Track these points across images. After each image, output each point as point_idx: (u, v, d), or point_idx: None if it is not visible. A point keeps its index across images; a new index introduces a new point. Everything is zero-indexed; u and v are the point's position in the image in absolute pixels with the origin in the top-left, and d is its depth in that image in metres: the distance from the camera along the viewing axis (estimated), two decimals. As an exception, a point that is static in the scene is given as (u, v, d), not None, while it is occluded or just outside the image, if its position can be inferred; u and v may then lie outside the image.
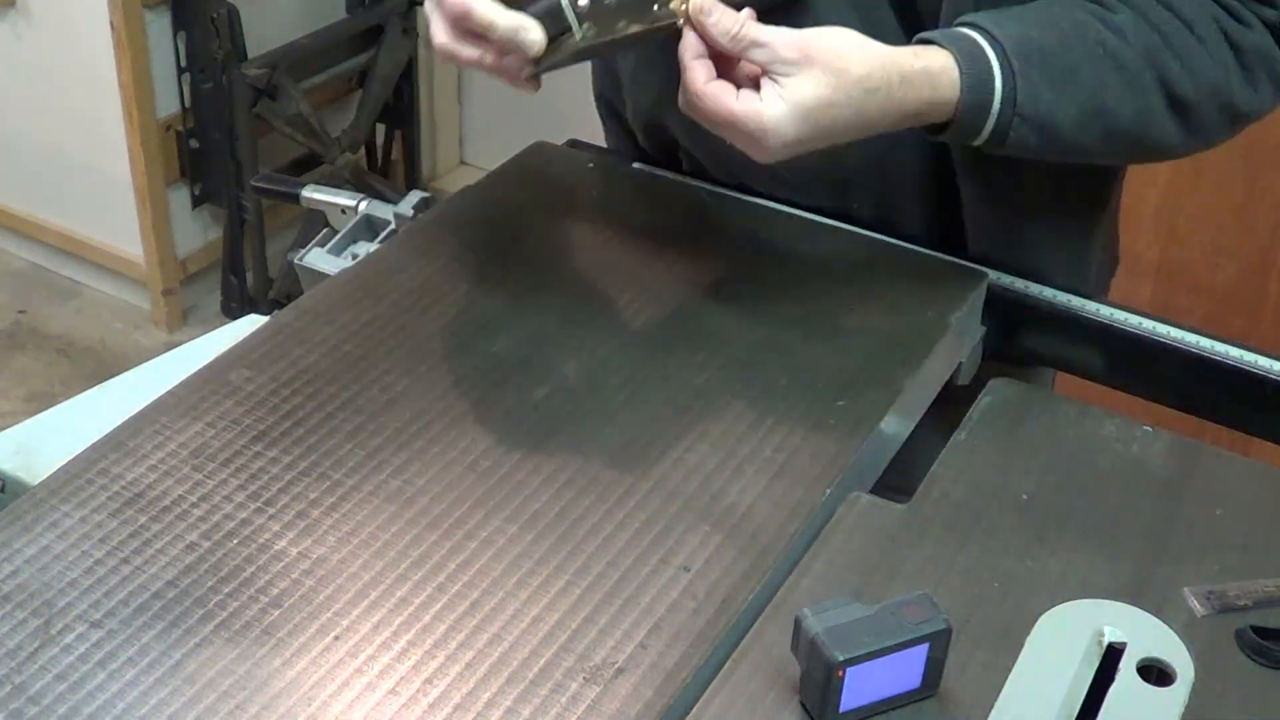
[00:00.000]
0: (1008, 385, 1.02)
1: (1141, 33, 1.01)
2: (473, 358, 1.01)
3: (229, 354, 1.00)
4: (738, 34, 0.93)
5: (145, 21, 2.71)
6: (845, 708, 0.75)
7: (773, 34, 0.93)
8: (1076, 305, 1.12)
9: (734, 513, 0.88)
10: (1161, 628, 0.81)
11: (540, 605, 0.81)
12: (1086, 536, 0.89)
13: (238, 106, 2.77)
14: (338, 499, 0.88)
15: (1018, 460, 0.95)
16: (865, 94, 0.94)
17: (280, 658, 0.78)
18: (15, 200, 3.13)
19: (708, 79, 0.94)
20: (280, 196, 1.34)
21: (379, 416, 0.95)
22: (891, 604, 0.75)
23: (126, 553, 0.83)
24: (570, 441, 0.93)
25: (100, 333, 3.04)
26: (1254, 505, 0.92)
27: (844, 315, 1.07)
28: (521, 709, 0.75)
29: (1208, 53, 1.01)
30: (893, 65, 0.95)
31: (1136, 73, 1.00)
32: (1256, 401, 1.07)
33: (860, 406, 0.97)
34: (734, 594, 0.83)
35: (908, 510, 0.90)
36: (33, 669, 0.76)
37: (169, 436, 0.92)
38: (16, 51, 2.92)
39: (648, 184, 1.25)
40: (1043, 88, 0.98)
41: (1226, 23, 1.02)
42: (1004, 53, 0.98)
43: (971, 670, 0.79)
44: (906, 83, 0.95)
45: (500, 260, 1.12)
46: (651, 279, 1.10)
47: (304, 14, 2.98)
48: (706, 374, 1.00)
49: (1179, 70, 1.01)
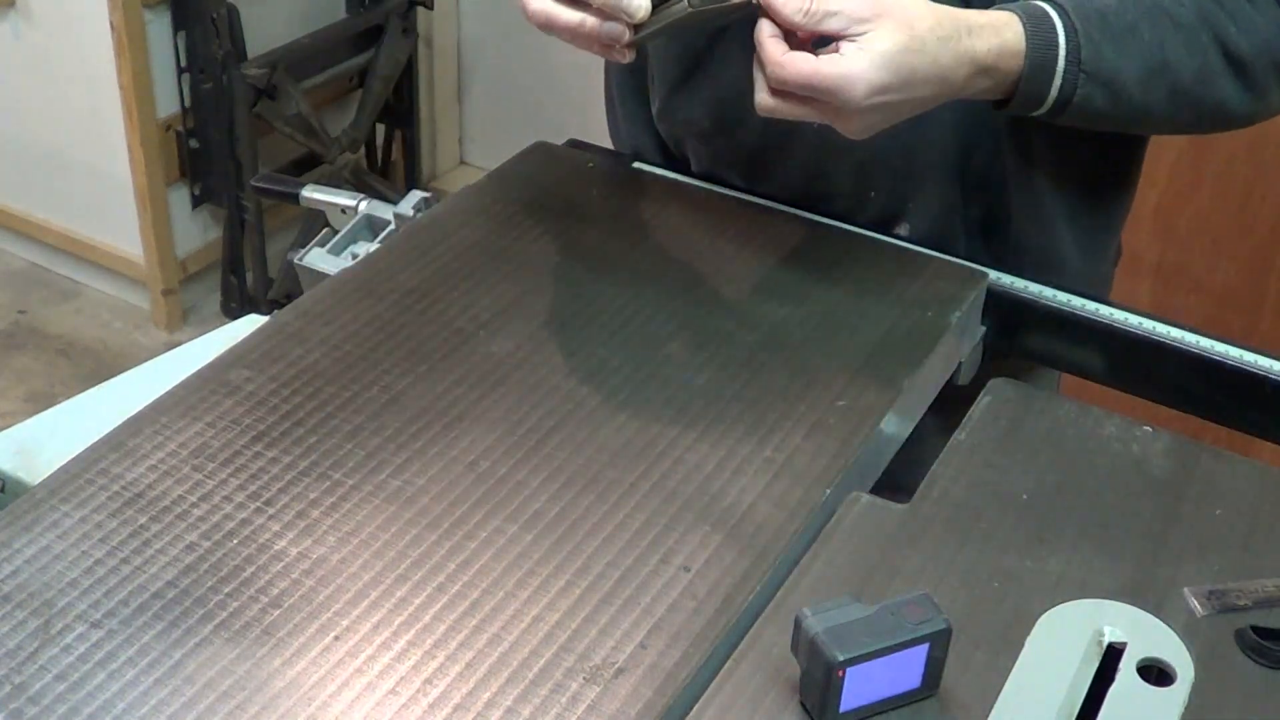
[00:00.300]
0: (1008, 385, 1.02)
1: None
2: (473, 358, 1.01)
3: (229, 354, 1.00)
4: (810, 9, 0.93)
5: (145, 21, 2.71)
6: (845, 708, 0.75)
7: (842, 2, 0.94)
8: (1076, 305, 1.12)
9: (734, 513, 0.88)
10: (1161, 628, 0.81)
11: (540, 605, 0.81)
12: (1086, 536, 0.89)
13: (238, 106, 2.78)
14: (338, 499, 0.88)
15: (1018, 460, 0.95)
16: (939, 42, 0.95)
17: (280, 658, 0.78)
18: (15, 200, 3.13)
19: (784, 51, 0.94)
20: (280, 196, 1.34)
21: (379, 416, 0.95)
22: (891, 604, 0.75)
23: (126, 553, 0.83)
24: (570, 441, 0.93)
25: (100, 333, 3.04)
26: (1254, 505, 0.92)
27: (844, 315, 1.07)
28: (521, 709, 0.75)
29: (1259, 11, 1.04)
30: (960, 18, 0.97)
31: (1194, 31, 1.02)
32: (1256, 401, 1.07)
33: (860, 406, 0.97)
34: (734, 594, 0.83)
35: (908, 510, 0.90)
36: (33, 669, 0.76)
37: (169, 436, 0.92)
38: (16, 51, 2.92)
39: (648, 184, 1.25)
40: (1105, 46, 1.00)
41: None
42: (1065, 12, 1.00)
43: (971, 670, 0.79)
44: (974, 33, 0.97)
45: (500, 260, 1.12)
46: (651, 279, 1.10)
47: (304, 14, 2.98)
48: (706, 374, 1.00)
49: (1233, 29, 1.03)
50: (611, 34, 0.96)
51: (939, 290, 1.10)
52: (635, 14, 0.95)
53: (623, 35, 0.96)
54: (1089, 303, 1.12)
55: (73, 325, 3.05)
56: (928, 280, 1.11)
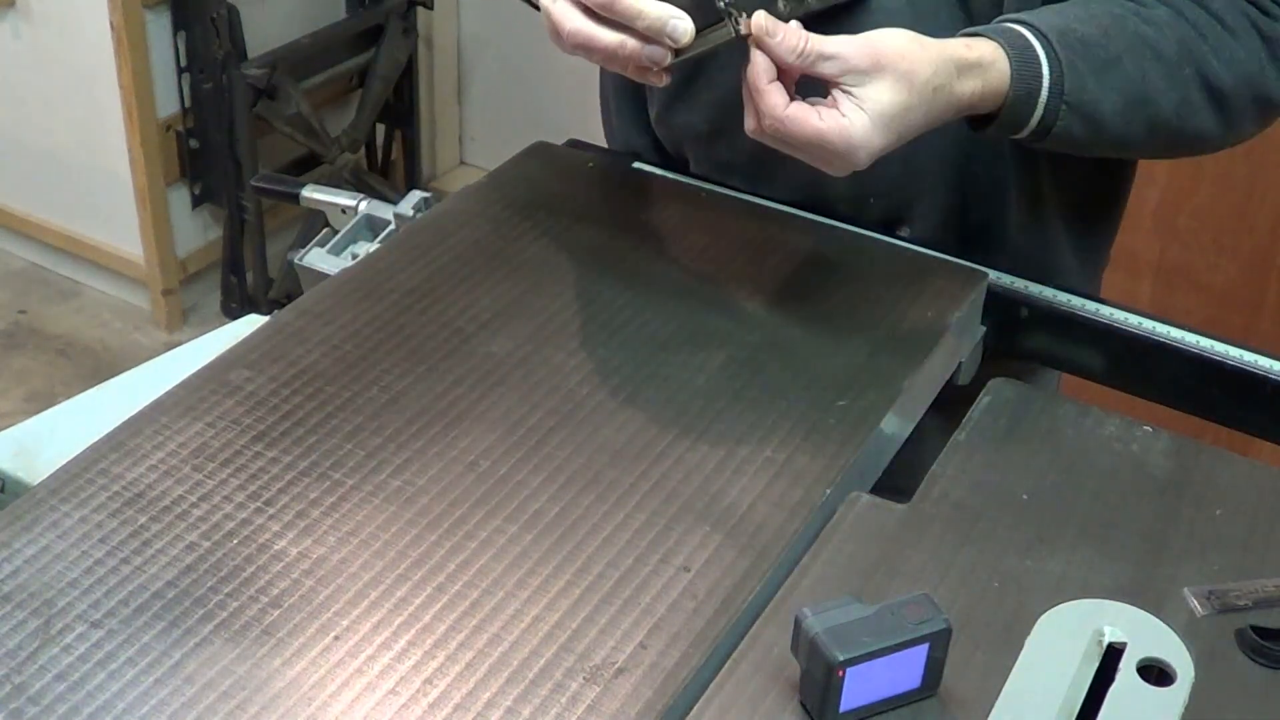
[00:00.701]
0: (1008, 385, 1.02)
1: (1178, 26, 1.03)
2: (473, 358, 1.01)
3: (229, 354, 1.00)
4: (804, 49, 0.93)
5: (145, 21, 2.71)
6: (845, 708, 0.75)
7: (838, 44, 0.93)
8: (1076, 305, 1.12)
9: (734, 513, 0.88)
10: (1161, 628, 0.81)
11: (540, 605, 0.81)
12: (1086, 536, 0.89)
13: (238, 106, 2.78)
14: (338, 499, 0.88)
15: (1018, 460, 0.95)
16: (934, 92, 0.95)
17: (280, 658, 0.78)
18: (15, 200, 3.13)
19: (786, 104, 0.93)
20: (280, 196, 1.34)
21: (379, 416, 0.95)
22: (891, 604, 0.75)
23: (126, 553, 0.83)
24: (570, 441, 0.93)
25: (100, 333, 3.04)
26: (1254, 505, 0.92)
27: (844, 315, 1.07)
28: (521, 709, 0.75)
29: (1240, 45, 1.04)
30: (950, 60, 0.96)
31: (1176, 65, 1.02)
32: (1256, 401, 1.07)
33: (860, 406, 0.97)
34: (734, 594, 0.83)
35: (908, 510, 0.90)
36: (33, 669, 0.76)
37: (169, 436, 0.92)
38: (16, 51, 2.92)
39: (648, 184, 1.25)
40: (1088, 78, 1.00)
41: (1255, 16, 1.04)
42: (1049, 44, 0.99)
43: (971, 670, 0.79)
44: (962, 75, 0.97)
45: (500, 260, 1.12)
46: (651, 279, 1.10)
47: (304, 14, 2.98)
48: (706, 374, 1.00)
49: (1215, 63, 1.03)
50: (653, 57, 0.95)
51: (939, 290, 1.10)
52: (680, 40, 0.94)
53: (664, 59, 0.95)
54: (1089, 303, 1.12)
55: (73, 325, 3.05)
56: (928, 280, 1.11)
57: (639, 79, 0.98)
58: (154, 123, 2.80)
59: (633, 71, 0.97)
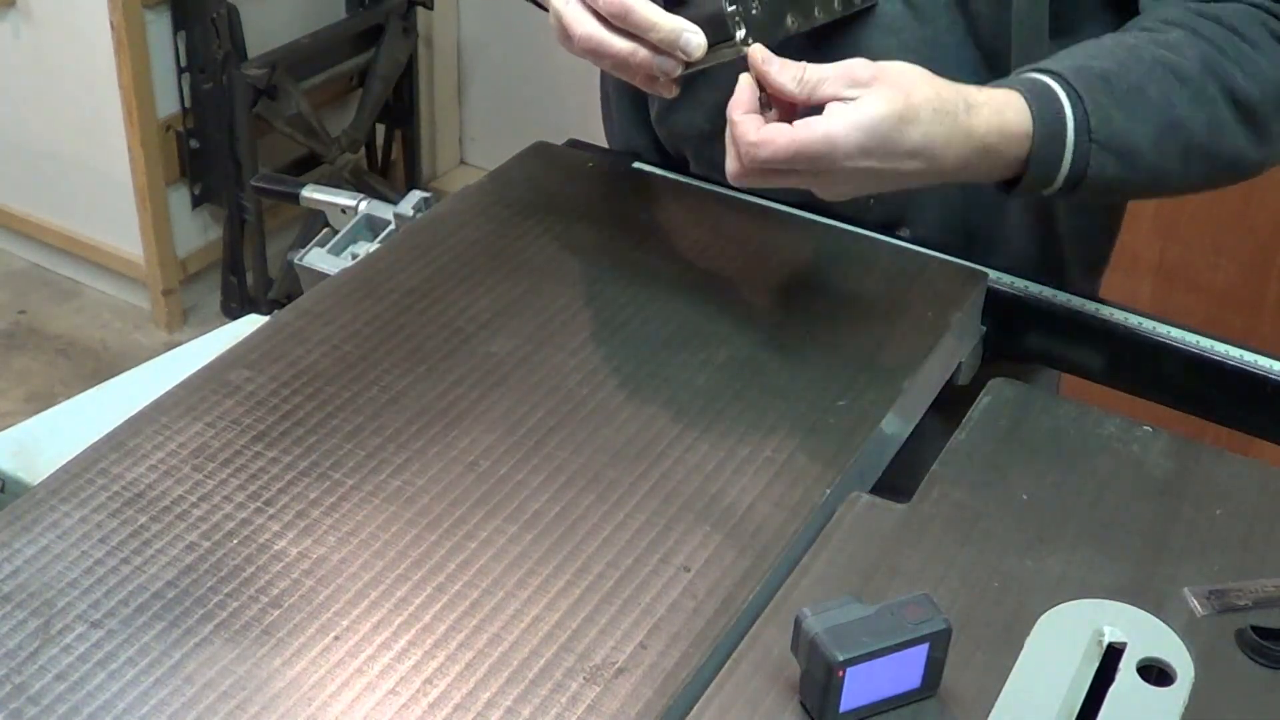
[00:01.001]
0: (1008, 385, 1.02)
1: (1196, 46, 1.00)
2: (473, 358, 1.01)
3: (229, 354, 1.00)
4: (804, 77, 0.92)
5: (145, 21, 2.71)
6: (845, 708, 0.75)
7: (839, 64, 0.92)
8: (1076, 305, 1.12)
9: (734, 513, 0.88)
10: (1161, 628, 0.81)
11: (540, 605, 0.81)
12: (1086, 536, 0.89)
13: (238, 106, 2.78)
14: (338, 499, 0.88)
15: (1018, 460, 0.95)
16: (934, 114, 0.92)
17: (280, 658, 0.78)
18: (15, 200, 3.13)
19: (759, 127, 0.91)
20: (280, 196, 1.34)
21: (379, 416, 0.95)
22: (891, 604, 0.75)
23: (126, 553, 0.83)
24: (570, 441, 0.93)
25: (100, 333, 3.04)
26: (1254, 505, 0.92)
27: (844, 315, 1.07)
28: (521, 709, 0.75)
29: (1262, 56, 1.01)
30: (960, 94, 0.94)
31: (1200, 84, 0.99)
32: (1256, 401, 1.07)
33: (860, 406, 0.97)
34: (734, 594, 0.83)
35: (908, 510, 0.90)
36: (33, 669, 0.76)
37: (169, 436, 0.92)
38: (16, 51, 2.92)
39: (648, 184, 1.25)
40: (1113, 110, 0.96)
41: (1274, 25, 1.02)
42: (1067, 83, 0.96)
43: (971, 670, 0.79)
44: (973, 109, 0.94)
45: (500, 260, 1.12)
46: (651, 279, 1.10)
47: (304, 14, 2.98)
48: (706, 374, 1.00)
49: (1240, 76, 1.00)
50: (663, 68, 0.95)
51: (939, 290, 1.10)
52: (693, 55, 0.94)
53: (674, 70, 0.95)
54: (1089, 303, 1.12)
55: (73, 325, 3.05)
56: (928, 280, 1.11)
57: (646, 88, 0.98)
58: (154, 123, 2.80)
59: (641, 80, 0.97)
